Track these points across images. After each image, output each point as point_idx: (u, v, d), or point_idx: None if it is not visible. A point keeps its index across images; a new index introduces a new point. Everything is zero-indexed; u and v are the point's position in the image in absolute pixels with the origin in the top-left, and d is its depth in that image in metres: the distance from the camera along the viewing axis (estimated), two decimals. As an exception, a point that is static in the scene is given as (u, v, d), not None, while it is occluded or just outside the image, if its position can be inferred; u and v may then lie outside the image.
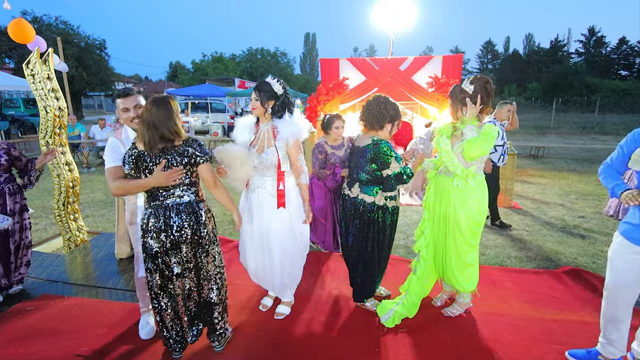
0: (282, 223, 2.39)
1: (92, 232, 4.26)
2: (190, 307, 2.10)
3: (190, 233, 1.94)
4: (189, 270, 2.02)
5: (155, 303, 2.03)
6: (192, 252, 2.00)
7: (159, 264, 1.96)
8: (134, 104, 2.17)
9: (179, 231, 1.92)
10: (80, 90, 23.67)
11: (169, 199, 1.94)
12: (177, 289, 2.00)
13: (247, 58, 39.10)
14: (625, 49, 43.97)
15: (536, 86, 36.69)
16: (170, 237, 1.92)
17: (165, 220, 1.92)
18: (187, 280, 2.03)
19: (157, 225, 1.92)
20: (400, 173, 2.28)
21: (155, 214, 1.93)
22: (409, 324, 2.47)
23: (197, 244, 1.99)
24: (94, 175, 7.76)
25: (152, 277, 1.99)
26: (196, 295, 2.09)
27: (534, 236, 4.24)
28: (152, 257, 1.96)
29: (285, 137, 2.33)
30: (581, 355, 2.10)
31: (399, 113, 2.41)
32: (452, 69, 7.09)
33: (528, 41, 51.90)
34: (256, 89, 2.32)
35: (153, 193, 1.95)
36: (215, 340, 2.18)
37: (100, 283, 3.08)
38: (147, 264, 1.99)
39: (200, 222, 1.98)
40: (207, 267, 2.06)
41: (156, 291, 2.00)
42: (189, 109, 16.22)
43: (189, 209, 1.96)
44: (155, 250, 1.94)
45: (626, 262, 1.85)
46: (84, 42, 22.88)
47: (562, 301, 2.76)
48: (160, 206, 1.94)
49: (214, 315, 2.12)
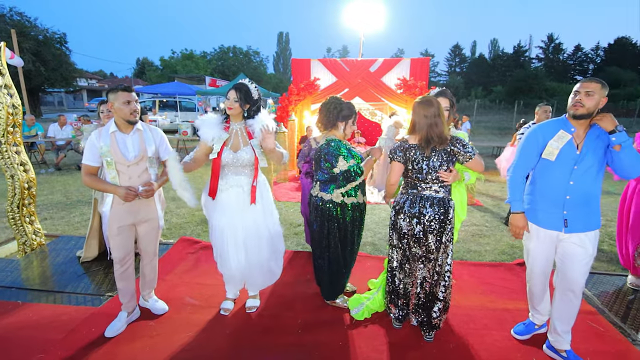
0: (258, 219, 2.46)
1: (51, 235, 4.07)
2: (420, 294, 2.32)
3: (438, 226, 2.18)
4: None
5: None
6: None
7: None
8: (135, 99, 2.25)
9: (430, 221, 2.18)
10: (38, 87, 22.34)
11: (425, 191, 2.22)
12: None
13: (218, 56, 38.37)
14: (580, 55, 47.09)
15: (500, 89, 38.48)
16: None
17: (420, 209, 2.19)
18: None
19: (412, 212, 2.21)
20: (348, 170, 2.36)
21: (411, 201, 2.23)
22: (374, 317, 2.56)
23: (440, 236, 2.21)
24: (52, 176, 7.37)
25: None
26: (428, 286, 2.30)
27: (492, 231, 4.49)
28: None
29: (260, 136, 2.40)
30: (521, 329, 2.41)
31: (353, 112, 2.49)
32: (420, 71, 7.35)
33: (493, 46, 54.30)
34: (236, 89, 2.36)
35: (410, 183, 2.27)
36: (428, 331, 2.35)
37: (58, 287, 2.95)
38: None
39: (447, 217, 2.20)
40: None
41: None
42: (156, 108, 15.76)
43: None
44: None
45: (533, 241, 2.20)
46: (42, 35, 21.60)
47: (514, 291, 2.96)
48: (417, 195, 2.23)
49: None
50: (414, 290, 2.34)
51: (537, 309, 2.35)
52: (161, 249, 3.73)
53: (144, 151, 2.29)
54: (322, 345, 2.29)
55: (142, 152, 2.28)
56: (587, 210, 2.03)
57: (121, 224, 2.31)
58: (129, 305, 2.46)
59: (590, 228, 2.04)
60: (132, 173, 2.27)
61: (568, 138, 2.01)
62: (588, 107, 1.93)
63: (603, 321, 2.57)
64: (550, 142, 2.05)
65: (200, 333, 2.39)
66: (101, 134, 2.25)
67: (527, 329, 2.39)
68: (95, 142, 2.23)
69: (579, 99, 1.95)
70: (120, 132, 2.26)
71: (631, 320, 2.63)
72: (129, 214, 2.32)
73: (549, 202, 2.08)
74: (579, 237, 2.03)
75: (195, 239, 3.91)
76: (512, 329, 2.43)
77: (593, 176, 2.00)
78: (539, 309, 2.35)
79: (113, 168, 2.23)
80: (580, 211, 2.02)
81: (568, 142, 2.01)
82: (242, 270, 2.51)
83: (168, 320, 2.52)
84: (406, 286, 2.36)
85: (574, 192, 2.01)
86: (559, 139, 2.04)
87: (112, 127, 2.26)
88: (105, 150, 2.21)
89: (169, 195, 4.53)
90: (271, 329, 2.44)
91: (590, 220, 2.04)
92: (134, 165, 2.26)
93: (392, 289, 2.41)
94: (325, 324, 2.50)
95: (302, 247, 3.88)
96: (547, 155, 2.06)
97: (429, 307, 2.30)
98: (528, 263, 2.28)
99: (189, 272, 3.21)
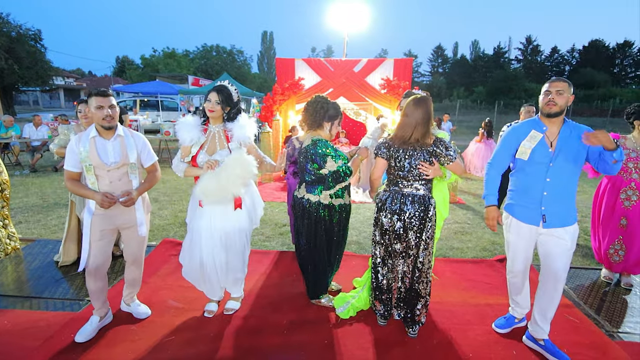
0: (236, 222, 2.45)
1: (26, 239, 3.93)
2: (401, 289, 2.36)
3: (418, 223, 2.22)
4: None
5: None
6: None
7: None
8: (109, 104, 2.16)
9: (410, 218, 2.21)
10: (12, 85, 21.48)
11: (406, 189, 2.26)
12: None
13: (201, 55, 37.72)
14: (556, 57, 48.60)
15: (481, 90, 39.36)
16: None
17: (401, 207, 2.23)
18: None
19: (393, 208, 2.25)
20: (337, 171, 2.36)
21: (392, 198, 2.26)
22: (359, 315, 2.58)
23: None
24: (28, 177, 7.10)
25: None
26: (408, 281, 2.33)
27: (474, 229, 4.59)
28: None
29: (240, 139, 2.39)
30: (502, 323, 2.47)
31: (338, 112, 2.49)
32: (403, 71, 7.42)
33: (474, 47, 55.38)
34: (218, 92, 2.32)
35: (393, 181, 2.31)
36: (410, 327, 2.38)
37: (34, 293, 2.85)
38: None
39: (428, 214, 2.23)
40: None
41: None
42: (137, 107, 15.42)
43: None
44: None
45: (513, 234, 2.27)
46: (15, 31, 20.75)
47: (495, 286, 3.04)
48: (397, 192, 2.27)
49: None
50: (396, 285, 2.38)
51: (517, 301, 2.43)
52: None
53: (126, 157, 2.23)
54: (308, 345, 2.29)
55: (123, 158, 2.22)
56: (564, 206, 2.11)
57: (104, 227, 2.26)
58: (102, 310, 2.39)
59: (567, 223, 2.11)
60: (112, 177, 2.21)
61: (539, 137, 2.10)
62: (560, 105, 2.04)
63: (579, 314, 2.67)
64: (523, 142, 2.15)
65: (183, 336, 2.35)
66: (81, 138, 2.19)
67: (508, 322, 2.46)
68: (75, 147, 2.18)
69: (551, 98, 2.05)
70: (100, 138, 2.20)
71: (604, 312, 2.74)
72: (111, 218, 2.27)
73: (527, 198, 2.16)
74: (557, 231, 2.11)
75: (178, 241, 3.84)
76: (493, 322, 2.50)
77: (569, 173, 2.08)
78: (518, 301, 2.42)
79: (92, 173, 2.18)
80: (557, 207, 2.10)
81: (540, 141, 2.09)
82: (217, 270, 2.48)
83: (150, 324, 2.47)
84: (389, 281, 2.40)
85: (551, 188, 2.08)
86: (530, 138, 2.13)
87: (92, 132, 2.21)
88: (84, 156, 2.16)
89: (151, 197, 4.44)
90: (257, 330, 2.43)
91: (567, 216, 2.11)
92: (114, 170, 2.21)
93: (376, 285, 2.44)
94: (311, 324, 2.51)
95: (287, 248, 3.87)
96: (520, 155, 2.16)
97: (412, 303, 2.33)
98: (509, 256, 2.35)
99: (172, 274, 3.15)
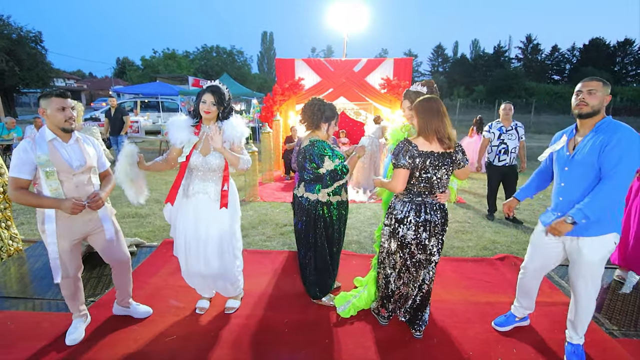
0: (224, 225, 2.43)
1: (28, 240, 3.95)
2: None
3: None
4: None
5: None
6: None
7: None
8: (71, 105, 2.09)
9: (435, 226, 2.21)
10: (12, 87, 21.55)
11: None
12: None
13: (201, 56, 37.77)
14: (557, 55, 48.54)
15: (481, 89, 39.33)
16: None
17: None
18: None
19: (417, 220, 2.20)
20: (335, 170, 2.39)
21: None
22: (360, 314, 2.59)
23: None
24: (30, 179, 7.12)
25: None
26: (426, 287, 2.36)
27: (474, 227, 4.60)
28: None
29: (231, 139, 2.40)
30: (502, 321, 2.48)
31: (335, 113, 2.53)
32: (403, 71, 7.42)
33: (474, 46, 55.32)
34: (213, 92, 2.30)
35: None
36: (417, 330, 2.40)
37: (38, 294, 2.87)
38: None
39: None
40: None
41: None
42: (138, 108, 15.46)
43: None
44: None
45: (536, 235, 2.26)
46: (16, 34, 20.84)
47: (495, 285, 3.05)
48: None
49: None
50: (411, 294, 2.35)
51: (521, 301, 2.42)
52: (145, 252, 3.67)
53: (90, 160, 2.18)
54: (308, 344, 2.30)
55: (86, 161, 2.15)
56: None
57: (73, 238, 2.15)
58: (82, 314, 2.39)
59: (581, 234, 1.94)
60: (77, 182, 2.11)
61: (564, 141, 2.07)
62: (592, 105, 1.89)
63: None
64: (551, 146, 2.16)
65: (185, 335, 2.37)
66: (36, 142, 2.02)
67: (508, 320, 2.47)
68: (30, 152, 1.99)
69: (582, 98, 1.92)
70: (59, 141, 2.08)
71: (605, 309, 2.75)
72: (80, 226, 2.16)
73: (552, 201, 2.15)
74: (572, 240, 2.01)
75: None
76: (493, 321, 2.51)
77: (586, 179, 1.91)
78: (523, 302, 2.42)
79: (55, 178, 2.02)
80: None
81: (565, 144, 2.06)
82: (206, 277, 2.50)
83: (152, 324, 2.48)
84: (401, 291, 2.37)
85: (566, 194, 2.01)
86: (557, 143, 2.12)
87: (48, 135, 2.05)
88: (44, 160, 1.99)
89: (151, 197, 4.46)
90: (258, 330, 2.44)
91: (583, 225, 1.88)
92: (79, 174, 2.11)
93: (385, 294, 2.43)
94: (312, 323, 2.52)
95: (287, 247, 3.89)
96: (540, 158, 2.20)
97: (423, 305, 2.35)
98: (527, 253, 2.34)
99: (173, 274, 3.17)
